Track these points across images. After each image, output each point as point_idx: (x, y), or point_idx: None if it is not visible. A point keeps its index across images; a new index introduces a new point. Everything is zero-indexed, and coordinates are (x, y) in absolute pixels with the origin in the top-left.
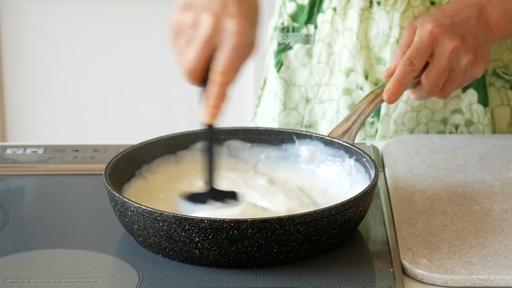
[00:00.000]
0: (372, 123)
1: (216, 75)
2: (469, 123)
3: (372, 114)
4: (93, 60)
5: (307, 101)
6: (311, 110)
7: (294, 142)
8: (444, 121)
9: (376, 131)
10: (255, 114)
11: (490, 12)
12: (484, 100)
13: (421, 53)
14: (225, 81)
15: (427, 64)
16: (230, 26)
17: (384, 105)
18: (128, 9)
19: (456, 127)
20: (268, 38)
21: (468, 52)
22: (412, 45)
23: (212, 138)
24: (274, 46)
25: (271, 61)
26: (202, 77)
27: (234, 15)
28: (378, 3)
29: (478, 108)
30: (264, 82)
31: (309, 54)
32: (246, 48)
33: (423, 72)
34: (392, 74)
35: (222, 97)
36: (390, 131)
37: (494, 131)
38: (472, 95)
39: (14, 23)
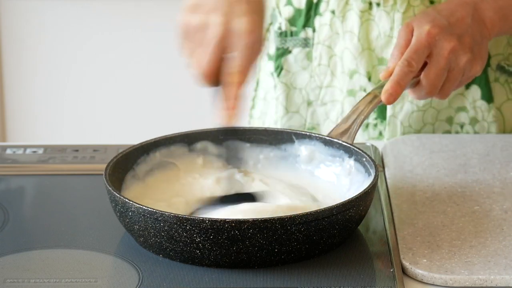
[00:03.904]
0: (375, 125)
1: (232, 76)
2: (473, 121)
3: (375, 116)
4: (93, 60)
5: (309, 103)
6: (313, 113)
7: (293, 142)
8: (450, 120)
9: (380, 133)
10: (251, 116)
11: (485, 10)
12: (487, 96)
13: (419, 54)
14: (242, 80)
15: (425, 64)
16: (241, 25)
17: (390, 106)
18: (128, 9)
19: (461, 126)
20: None
21: (466, 51)
22: (410, 46)
23: (235, 137)
24: (267, 49)
25: (263, 62)
26: (216, 79)
27: (243, 14)
28: (378, 4)
29: (482, 104)
30: (257, 84)
31: (308, 57)
32: (257, 45)
33: (421, 72)
34: (390, 75)
35: (239, 97)
36: (397, 134)
37: (502, 128)
38: (475, 91)
39: (14, 23)
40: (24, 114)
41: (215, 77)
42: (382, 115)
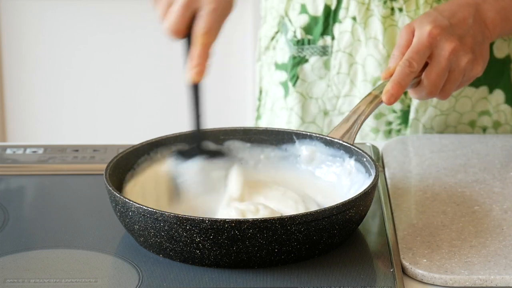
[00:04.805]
0: (399, 130)
1: (197, 37)
2: (496, 124)
3: (399, 122)
4: (93, 60)
5: (325, 113)
6: (330, 123)
7: (294, 142)
8: (472, 124)
9: None
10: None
11: (486, 11)
12: (511, 100)
13: (420, 55)
14: (207, 41)
15: (426, 65)
16: None
17: (413, 110)
18: (128, 9)
19: (484, 129)
20: (262, 47)
21: (467, 52)
22: (411, 46)
23: (198, 97)
24: (274, 58)
25: (269, 71)
26: (185, 35)
27: None
28: (400, 10)
29: (506, 108)
30: (260, 92)
31: (326, 66)
32: (224, 9)
33: (422, 73)
34: (391, 75)
35: (205, 56)
36: None
37: None
38: (499, 95)
39: (14, 23)
40: (24, 114)
41: (185, 33)
42: (406, 120)
